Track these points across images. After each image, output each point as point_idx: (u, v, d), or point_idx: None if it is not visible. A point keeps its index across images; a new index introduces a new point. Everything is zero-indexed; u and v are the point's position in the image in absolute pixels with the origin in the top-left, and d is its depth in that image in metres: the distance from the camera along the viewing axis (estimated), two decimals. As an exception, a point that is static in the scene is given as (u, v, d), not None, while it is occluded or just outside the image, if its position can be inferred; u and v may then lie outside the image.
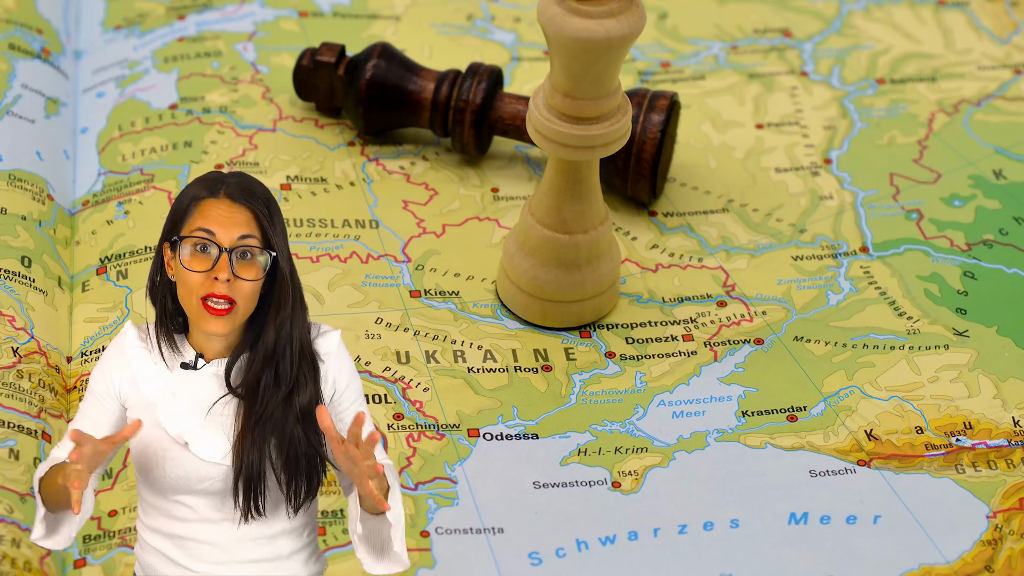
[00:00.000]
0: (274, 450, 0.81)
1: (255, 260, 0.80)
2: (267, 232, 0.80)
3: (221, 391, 0.82)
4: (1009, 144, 1.26)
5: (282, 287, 0.81)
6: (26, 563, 0.92)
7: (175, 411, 0.81)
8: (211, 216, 0.80)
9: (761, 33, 1.38)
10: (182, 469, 0.81)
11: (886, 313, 1.12)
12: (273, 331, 0.81)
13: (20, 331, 1.05)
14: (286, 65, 1.30)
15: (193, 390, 0.82)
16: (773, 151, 1.26)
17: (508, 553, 0.96)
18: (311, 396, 0.82)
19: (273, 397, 0.81)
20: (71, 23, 1.36)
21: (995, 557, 0.96)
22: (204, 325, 0.80)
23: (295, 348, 0.81)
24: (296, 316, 0.82)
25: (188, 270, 0.79)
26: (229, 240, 0.79)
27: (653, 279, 1.14)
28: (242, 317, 0.80)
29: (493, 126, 1.20)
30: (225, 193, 0.81)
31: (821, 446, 1.03)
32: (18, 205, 1.15)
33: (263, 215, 0.80)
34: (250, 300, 0.80)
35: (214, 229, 0.80)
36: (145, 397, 0.82)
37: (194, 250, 0.79)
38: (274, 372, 0.81)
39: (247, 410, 0.81)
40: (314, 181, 1.20)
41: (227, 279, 0.79)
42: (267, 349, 0.81)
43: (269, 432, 0.80)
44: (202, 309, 0.79)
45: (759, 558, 0.96)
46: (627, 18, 0.97)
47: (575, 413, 1.05)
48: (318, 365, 0.82)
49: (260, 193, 0.81)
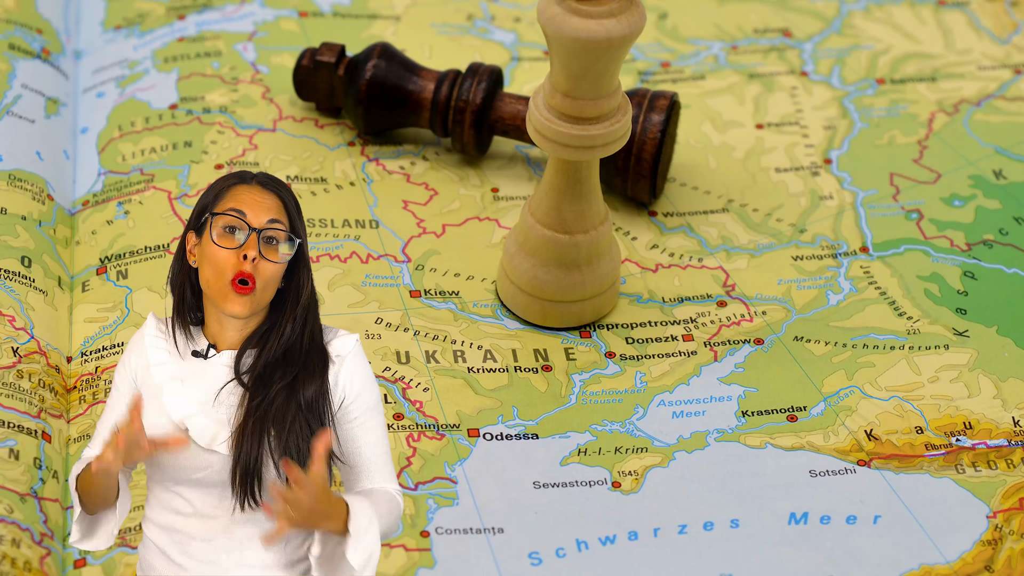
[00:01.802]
0: (274, 440, 0.81)
1: (280, 246, 0.82)
2: (294, 220, 0.83)
3: (228, 380, 0.82)
4: (1009, 144, 1.26)
5: (301, 279, 0.83)
6: (26, 563, 0.92)
7: (180, 397, 0.82)
8: (242, 199, 0.82)
9: (761, 33, 1.38)
10: (180, 455, 0.82)
11: (886, 313, 1.12)
12: (288, 323, 0.82)
13: (20, 331, 1.05)
14: (286, 65, 1.30)
15: (202, 378, 0.82)
16: (773, 151, 1.26)
17: (508, 553, 0.96)
18: (316, 390, 0.82)
19: (277, 387, 0.81)
20: (71, 23, 1.36)
21: (995, 557, 0.96)
22: (227, 306, 0.81)
23: (305, 341, 0.82)
24: (310, 310, 0.83)
25: (218, 246, 0.81)
26: (259, 222, 0.82)
27: (653, 279, 1.14)
28: (260, 301, 0.82)
29: (493, 126, 1.20)
30: (256, 181, 0.83)
31: (821, 446, 1.03)
32: (18, 205, 1.15)
33: (291, 204, 0.83)
34: (271, 284, 0.82)
35: (245, 210, 0.82)
36: (155, 383, 0.83)
37: (223, 231, 0.81)
38: (282, 363, 0.82)
39: (250, 399, 0.81)
40: (314, 181, 1.20)
41: (254, 257, 0.81)
42: (279, 341, 0.82)
43: (269, 422, 0.81)
44: (229, 288, 0.81)
45: (759, 558, 0.96)
46: (627, 18, 0.97)
47: (575, 413, 1.05)
48: (328, 363, 0.83)
49: (287, 187, 0.84)
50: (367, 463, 0.84)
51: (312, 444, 0.80)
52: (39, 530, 0.95)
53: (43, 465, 0.98)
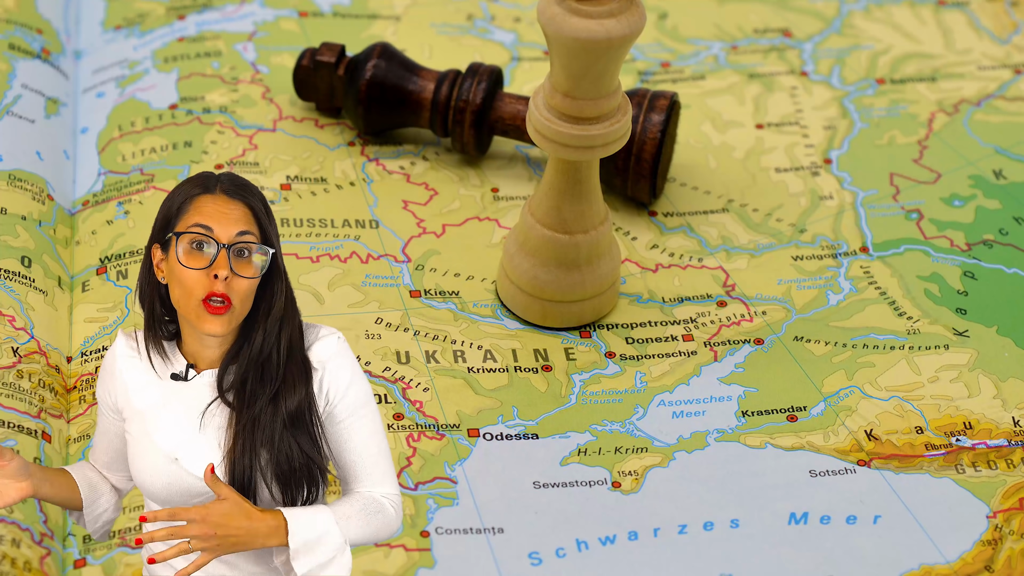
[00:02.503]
0: (263, 460, 0.78)
1: (252, 258, 0.77)
2: (265, 229, 0.78)
3: (211, 400, 0.79)
4: (1009, 144, 1.26)
5: (275, 287, 0.78)
6: (26, 563, 0.92)
7: (166, 424, 0.79)
8: (207, 212, 0.77)
9: (761, 33, 1.38)
10: (176, 484, 0.79)
11: (886, 313, 1.12)
12: (261, 332, 0.78)
13: (20, 331, 1.05)
14: (286, 65, 1.30)
15: (184, 402, 0.79)
16: (773, 151, 1.26)
17: (508, 553, 0.96)
18: (300, 401, 0.78)
19: (260, 400, 0.78)
20: (71, 23, 1.36)
21: (995, 557, 0.96)
22: (202, 326, 0.77)
23: (282, 350, 0.78)
24: (287, 318, 0.79)
25: (185, 267, 0.76)
26: (227, 236, 0.77)
27: (653, 279, 1.14)
28: (238, 317, 0.78)
29: (493, 126, 1.20)
30: (221, 189, 0.78)
31: (821, 446, 1.03)
32: (18, 205, 1.15)
33: (260, 211, 0.78)
34: (246, 299, 0.77)
35: (212, 225, 0.77)
36: (136, 409, 0.80)
37: (190, 248, 0.77)
38: (259, 374, 0.78)
39: (237, 417, 0.78)
40: (314, 181, 1.20)
41: (226, 276, 0.76)
42: (253, 351, 0.78)
43: (259, 437, 0.78)
44: (202, 309, 0.76)
45: (759, 558, 0.96)
46: (627, 18, 0.97)
47: (575, 413, 1.05)
48: (310, 370, 0.79)
49: (255, 190, 0.79)
50: (353, 467, 0.81)
51: (312, 443, 0.79)
52: (39, 530, 0.95)
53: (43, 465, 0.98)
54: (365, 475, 0.81)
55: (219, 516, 0.76)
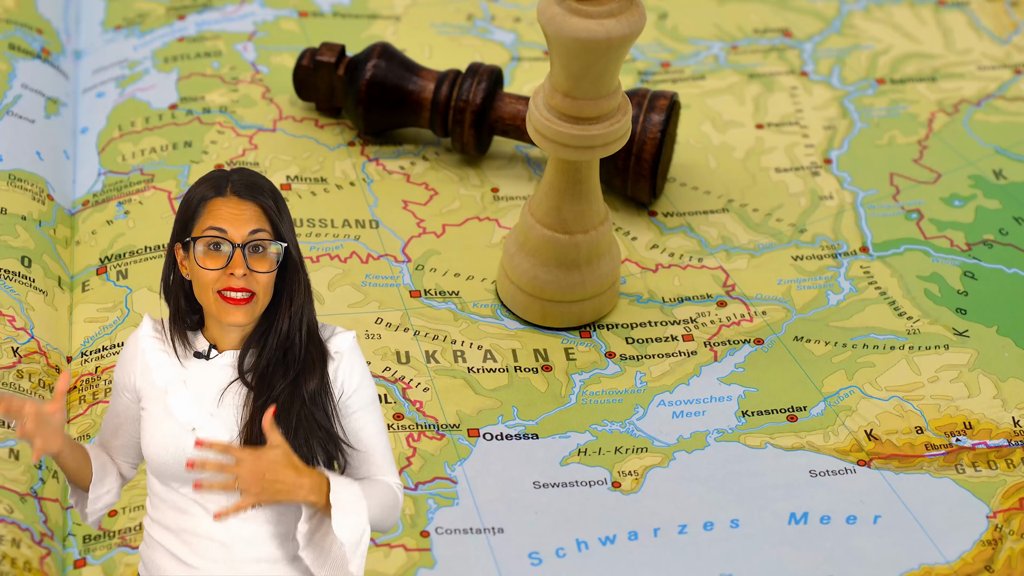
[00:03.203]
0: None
1: (267, 253, 0.81)
2: (276, 225, 0.82)
3: (232, 380, 0.82)
4: (1009, 144, 1.26)
5: (293, 276, 0.82)
6: (26, 563, 0.92)
7: (185, 400, 0.82)
8: (220, 215, 0.81)
9: (761, 33, 1.38)
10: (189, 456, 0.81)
11: (886, 313, 1.12)
12: (287, 320, 0.82)
13: (20, 331, 1.05)
14: (286, 65, 1.30)
15: (205, 380, 0.82)
16: (773, 151, 1.26)
17: (508, 553, 0.96)
18: (317, 384, 0.82)
19: (280, 382, 0.81)
20: (71, 23, 1.36)
21: (995, 557, 0.96)
22: (225, 317, 0.81)
23: (304, 334, 0.82)
24: (307, 304, 0.83)
25: (203, 268, 0.80)
26: (240, 236, 0.81)
27: (653, 279, 1.14)
28: (262, 307, 0.81)
29: (493, 126, 1.20)
30: (232, 191, 0.82)
31: (821, 446, 1.03)
32: (18, 205, 1.15)
33: (271, 209, 0.82)
34: (268, 290, 0.81)
35: (225, 227, 0.81)
36: (156, 386, 0.83)
37: (207, 249, 0.81)
38: (283, 358, 0.82)
39: (256, 397, 0.81)
40: (314, 181, 1.20)
41: (243, 274, 0.80)
42: (280, 337, 0.82)
43: (279, 415, 0.80)
44: (221, 301, 0.80)
45: (759, 558, 0.96)
46: (627, 18, 0.97)
47: (575, 413, 1.05)
48: (327, 355, 0.83)
49: (266, 187, 0.83)
50: (365, 455, 0.83)
51: (329, 419, 0.81)
52: (39, 530, 0.95)
53: (43, 465, 0.98)
54: (375, 464, 0.83)
55: (269, 462, 0.78)
